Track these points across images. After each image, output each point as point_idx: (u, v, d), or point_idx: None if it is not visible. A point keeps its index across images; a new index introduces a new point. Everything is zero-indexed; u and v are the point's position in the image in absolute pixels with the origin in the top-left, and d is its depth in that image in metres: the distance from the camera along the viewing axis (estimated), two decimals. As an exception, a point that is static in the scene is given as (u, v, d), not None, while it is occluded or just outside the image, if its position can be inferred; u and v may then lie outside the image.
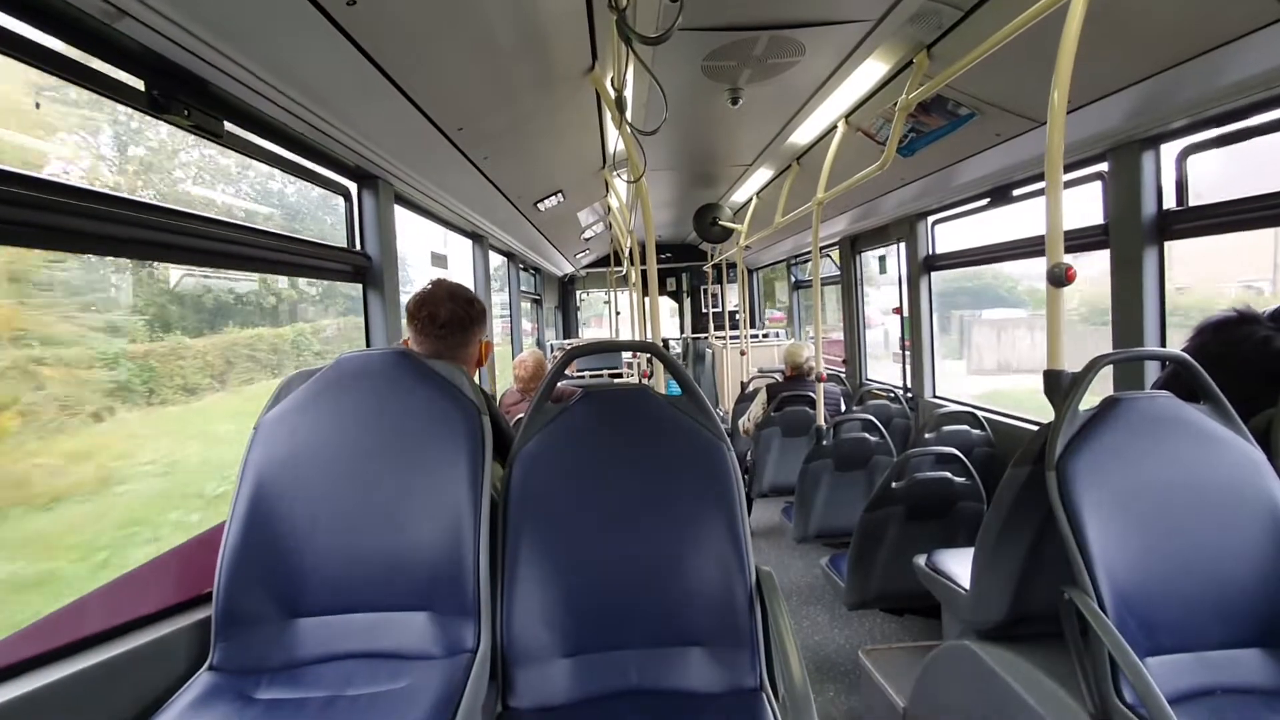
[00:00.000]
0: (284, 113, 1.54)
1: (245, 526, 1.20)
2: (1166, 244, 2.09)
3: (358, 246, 2.15)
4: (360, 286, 2.19)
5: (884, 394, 3.89)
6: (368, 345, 2.19)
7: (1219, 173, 1.96)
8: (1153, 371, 2.10)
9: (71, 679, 0.97)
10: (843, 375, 4.59)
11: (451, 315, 1.49)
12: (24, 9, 1.02)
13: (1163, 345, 2.08)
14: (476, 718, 1.10)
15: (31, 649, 0.99)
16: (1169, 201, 2.05)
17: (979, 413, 2.96)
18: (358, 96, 1.67)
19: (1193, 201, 2.01)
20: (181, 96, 1.32)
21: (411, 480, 1.24)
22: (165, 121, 1.32)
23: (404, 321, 1.55)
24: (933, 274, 3.68)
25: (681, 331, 8.89)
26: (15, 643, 1.01)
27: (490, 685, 1.20)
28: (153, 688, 1.09)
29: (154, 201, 1.29)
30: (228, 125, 1.50)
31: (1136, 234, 2.07)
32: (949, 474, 2.16)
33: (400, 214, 2.47)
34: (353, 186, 2.14)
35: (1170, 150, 2.04)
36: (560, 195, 3.85)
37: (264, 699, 1.08)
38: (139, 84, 1.25)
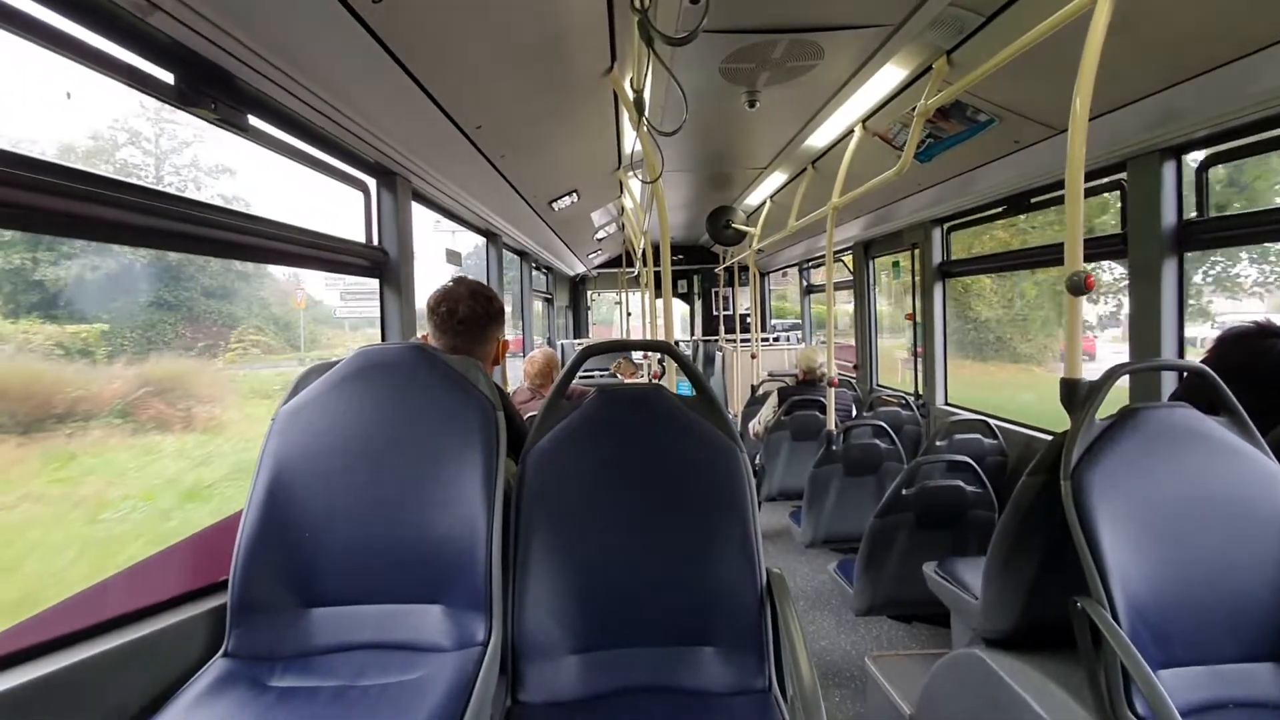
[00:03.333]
0: (307, 108, 1.56)
1: (262, 515, 1.21)
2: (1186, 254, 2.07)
3: (375, 241, 2.16)
4: (377, 280, 2.21)
5: (895, 400, 3.87)
6: (383, 339, 2.21)
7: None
8: (1170, 382, 2.08)
9: (89, 662, 0.99)
10: (854, 380, 4.58)
11: (471, 312, 1.50)
12: (59, 2, 1.04)
13: (1181, 356, 2.06)
14: (486, 711, 1.10)
15: (51, 632, 1.01)
16: (1189, 211, 2.03)
17: (991, 421, 2.94)
18: (380, 93, 1.68)
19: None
20: (208, 90, 1.33)
21: (426, 474, 1.25)
22: (191, 114, 1.34)
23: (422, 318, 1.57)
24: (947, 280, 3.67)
25: (692, 334, 8.89)
26: (36, 626, 1.03)
27: (500, 679, 1.21)
28: (169, 672, 1.10)
29: (174, 192, 1.31)
30: (251, 119, 1.52)
31: (1156, 244, 2.05)
32: (961, 482, 2.15)
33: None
34: (371, 182, 2.16)
35: (1191, 160, 2.02)
36: (575, 195, 3.87)
37: (277, 687, 1.09)
38: (168, 77, 1.27)
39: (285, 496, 1.23)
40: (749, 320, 5.79)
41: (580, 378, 4.39)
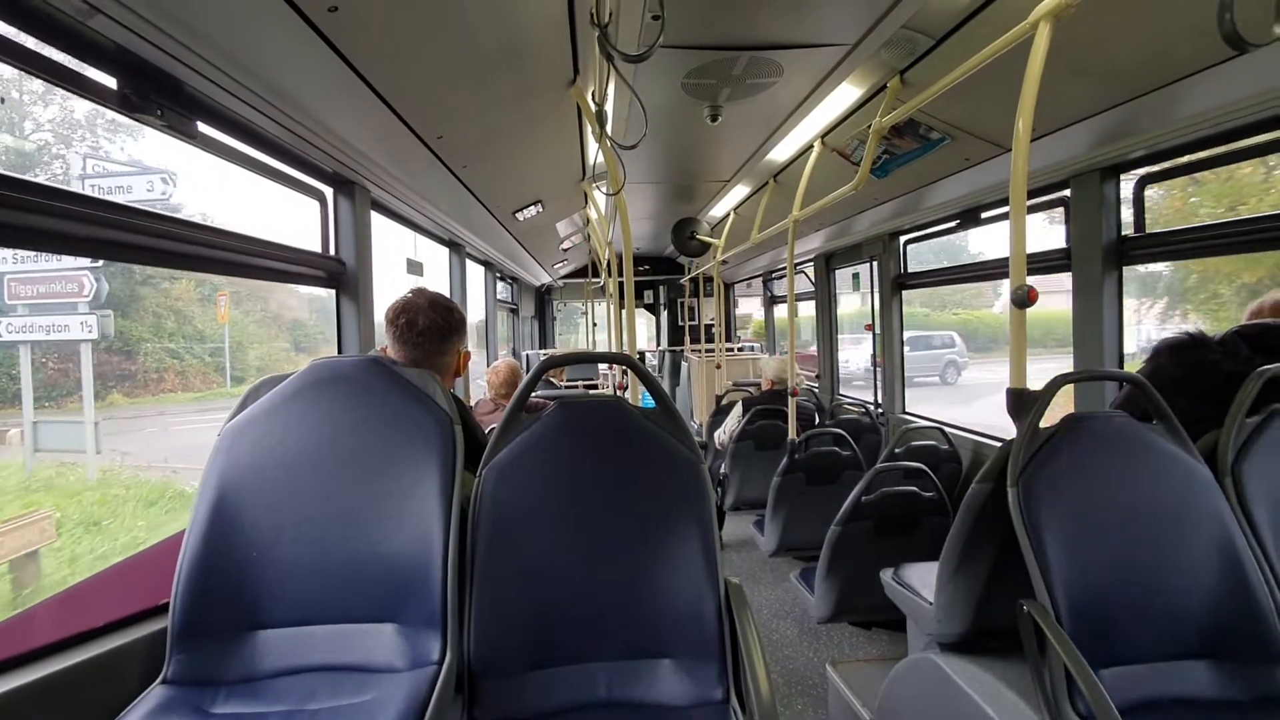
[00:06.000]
0: (260, 115, 1.53)
1: (206, 535, 1.17)
2: (1125, 268, 2.17)
3: (332, 251, 2.12)
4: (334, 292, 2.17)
5: (855, 409, 3.94)
6: (339, 352, 2.16)
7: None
8: (1111, 391, 2.17)
9: (15, 693, 0.94)
10: (815, 390, 4.65)
11: (430, 323, 1.48)
12: None
13: (1120, 366, 2.15)
14: None
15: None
16: (1127, 228, 2.13)
17: (946, 429, 3.02)
18: (337, 102, 1.66)
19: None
20: (155, 96, 1.29)
21: (380, 489, 1.22)
22: (136, 120, 1.30)
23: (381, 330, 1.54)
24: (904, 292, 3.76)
25: (658, 344, 8.92)
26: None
27: (456, 698, 1.18)
28: (104, 702, 1.05)
29: (119, 201, 1.27)
30: (201, 126, 1.48)
31: (1096, 258, 2.14)
32: (916, 489, 2.20)
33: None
34: (328, 191, 2.11)
35: (1129, 179, 2.12)
36: (539, 206, 3.86)
37: (221, 713, 1.05)
38: (111, 82, 1.23)
39: (231, 514, 1.18)
40: (714, 330, 5.85)
41: (544, 386, 4.36)
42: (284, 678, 1.12)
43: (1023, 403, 1.29)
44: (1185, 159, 1.94)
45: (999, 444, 2.83)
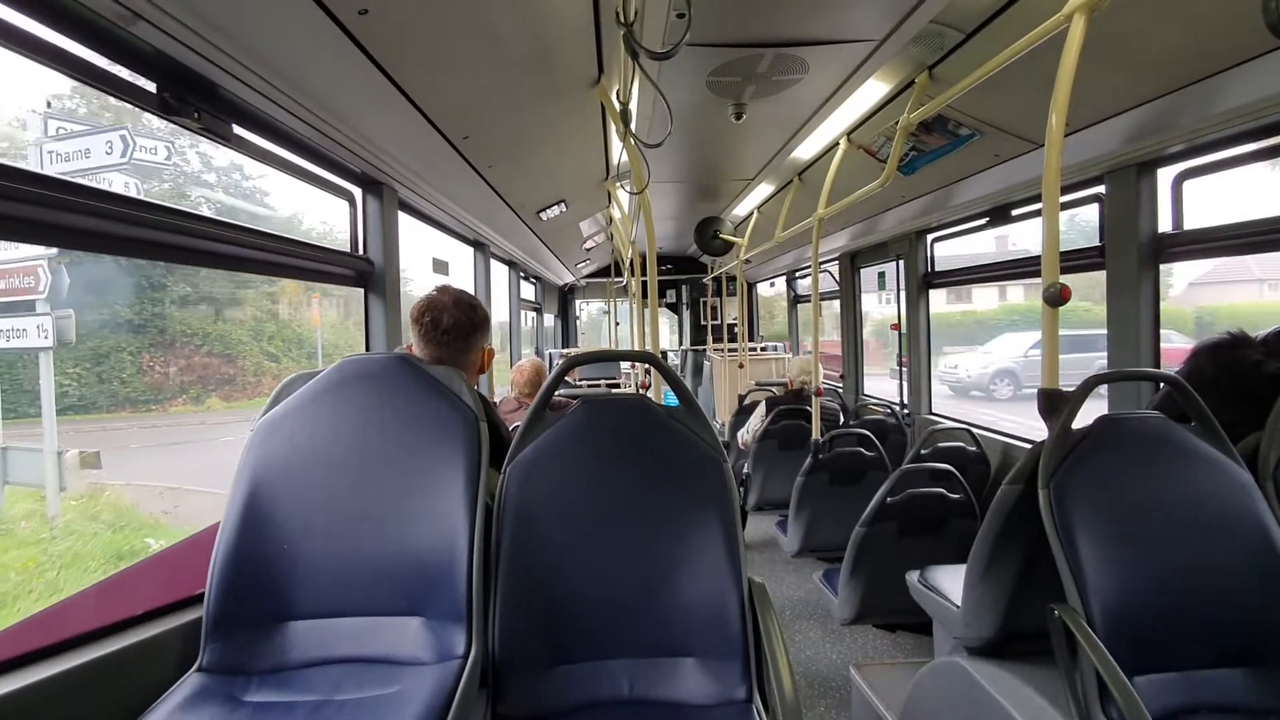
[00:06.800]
0: (292, 118, 1.56)
1: (239, 528, 1.20)
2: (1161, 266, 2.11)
3: (360, 251, 2.16)
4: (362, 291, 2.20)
5: (881, 409, 3.89)
6: (367, 350, 2.20)
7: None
8: (1148, 391, 2.11)
9: (58, 678, 0.97)
10: (839, 390, 4.60)
11: (455, 321, 1.50)
12: (40, 10, 1.04)
13: (1156, 366, 2.10)
14: None
15: (17, 648, 0.99)
16: (1164, 225, 2.07)
17: (974, 430, 2.97)
18: (366, 104, 1.68)
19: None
20: (192, 99, 1.33)
21: (407, 485, 1.24)
22: (174, 123, 1.34)
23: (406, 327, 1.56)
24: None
25: (680, 343, 8.90)
26: (2, 641, 1.01)
27: (480, 692, 1.19)
28: (141, 688, 1.08)
29: (156, 201, 1.31)
30: (236, 128, 1.51)
31: (1132, 256, 2.09)
32: (943, 490, 2.17)
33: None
34: (357, 192, 2.15)
35: (1166, 174, 2.06)
36: (563, 205, 3.88)
37: (253, 702, 1.08)
38: (150, 86, 1.27)
39: (264, 509, 1.21)
40: (736, 330, 5.82)
41: (564, 385, 4.38)
42: (313, 668, 1.15)
43: (1055, 403, 1.26)
44: (1225, 154, 1.88)
45: (1028, 446, 2.78)
